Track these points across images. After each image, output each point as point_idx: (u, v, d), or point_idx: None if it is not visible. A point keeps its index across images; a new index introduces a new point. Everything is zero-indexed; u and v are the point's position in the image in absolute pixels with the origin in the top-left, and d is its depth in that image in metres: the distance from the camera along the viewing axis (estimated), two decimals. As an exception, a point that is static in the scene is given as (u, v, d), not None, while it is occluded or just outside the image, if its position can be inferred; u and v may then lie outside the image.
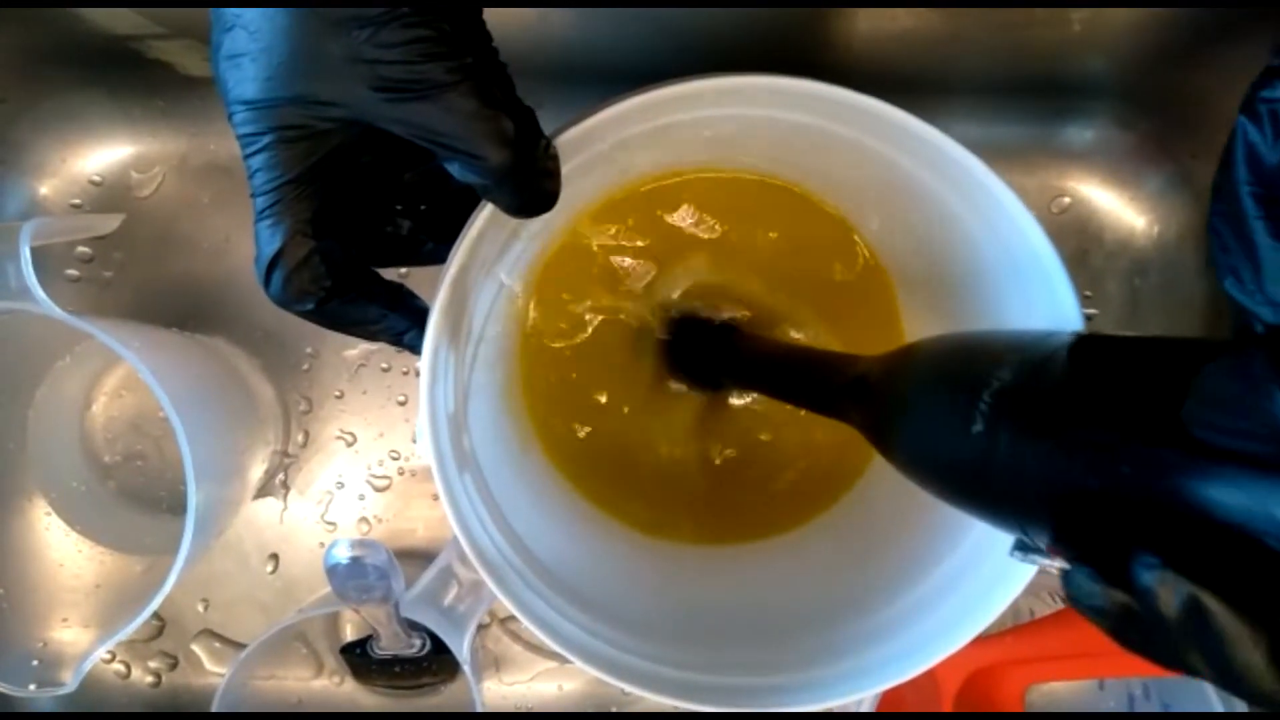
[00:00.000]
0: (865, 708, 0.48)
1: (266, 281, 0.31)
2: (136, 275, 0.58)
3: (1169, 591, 0.18)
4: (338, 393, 0.59)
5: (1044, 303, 0.37)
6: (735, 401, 0.50)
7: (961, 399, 0.25)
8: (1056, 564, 0.23)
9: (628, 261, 0.47)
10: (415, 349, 0.35)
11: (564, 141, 0.33)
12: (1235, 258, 0.43)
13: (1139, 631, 0.19)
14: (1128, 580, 0.19)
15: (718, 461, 0.49)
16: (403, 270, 0.50)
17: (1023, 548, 0.24)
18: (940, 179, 0.38)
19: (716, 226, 0.47)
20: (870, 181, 0.41)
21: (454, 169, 0.29)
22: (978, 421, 0.24)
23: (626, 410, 0.48)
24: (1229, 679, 0.17)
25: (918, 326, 0.47)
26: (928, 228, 0.41)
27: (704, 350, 0.47)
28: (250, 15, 0.27)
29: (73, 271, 0.58)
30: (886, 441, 0.30)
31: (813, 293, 0.47)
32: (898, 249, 0.46)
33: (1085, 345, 0.23)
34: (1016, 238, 0.37)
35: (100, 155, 0.58)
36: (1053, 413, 0.22)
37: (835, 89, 0.35)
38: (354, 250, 0.32)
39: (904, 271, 0.46)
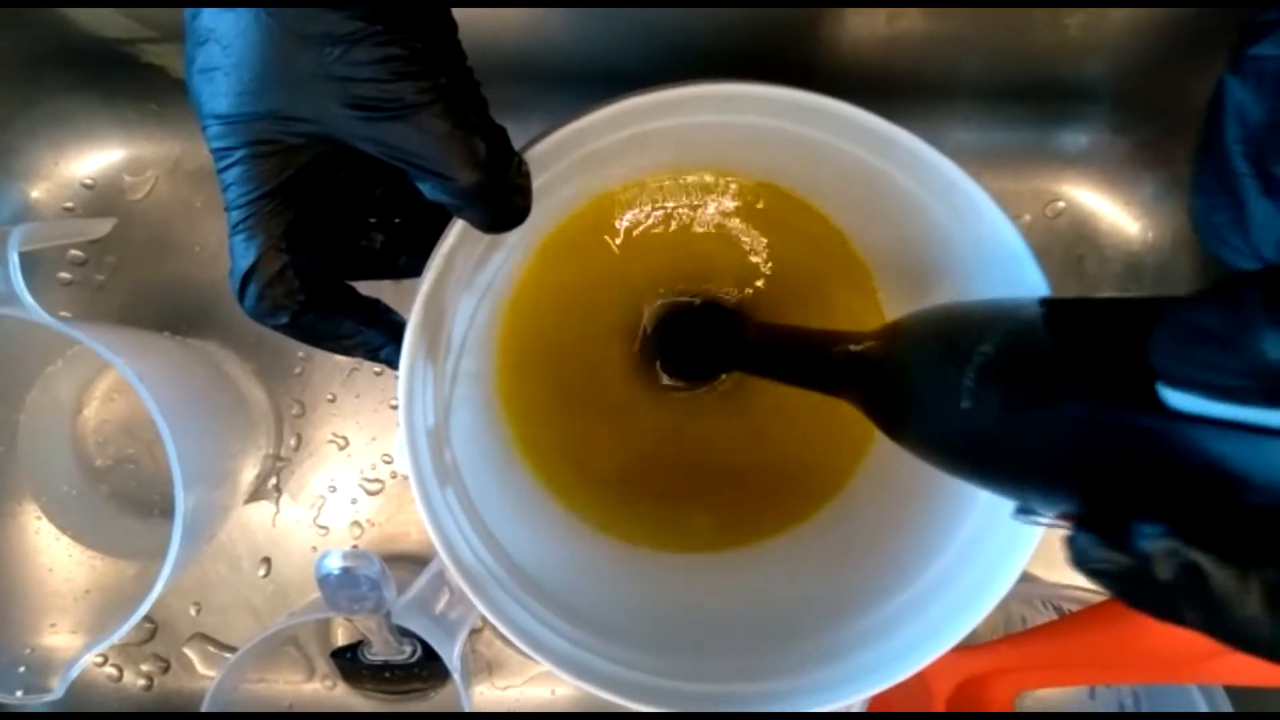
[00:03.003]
0: (856, 707, 0.48)
1: (241, 295, 0.31)
2: (129, 279, 0.58)
3: (1165, 556, 0.18)
4: (330, 396, 0.59)
5: (1020, 290, 0.37)
6: (721, 407, 0.49)
7: (949, 375, 0.25)
8: (1057, 525, 0.23)
9: (609, 268, 0.46)
10: (393, 364, 0.34)
11: (537, 154, 0.33)
12: (1223, 217, 0.43)
13: (1142, 592, 0.19)
14: (1128, 544, 0.19)
15: (703, 468, 0.49)
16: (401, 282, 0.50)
17: (1024, 511, 0.25)
18: (912, 177, 0.38)
19: (696, 229, 0.47)
20: (846, 181, 0.41)
21: (425, 188, 0.29)
22: (965, 397, 0.24)
23: (611, 418, 0.48)
24: (1230, 634, 0.18)
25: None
26: (904, 224, 0.41)
27: (701, 338, 0.47)
28: (224, 29, 0.27)
29: (65, 275, 0.58)
30: (885, 417, 0.30)
31: (793, 291, 0.47)
32: (876, 245, 0.46)
33: (1061, 310, 0.23)
34: (987, 231, 0.36)
35: (93, 159, 0.58)
36: (1033, 381, 0.23)
37: (803, 93, 0.35)
38: (328, 264, 0.32)
39: (883, 266, 0.46)
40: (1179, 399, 0.18)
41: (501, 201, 0.30)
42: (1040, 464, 0.22)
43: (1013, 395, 0.23)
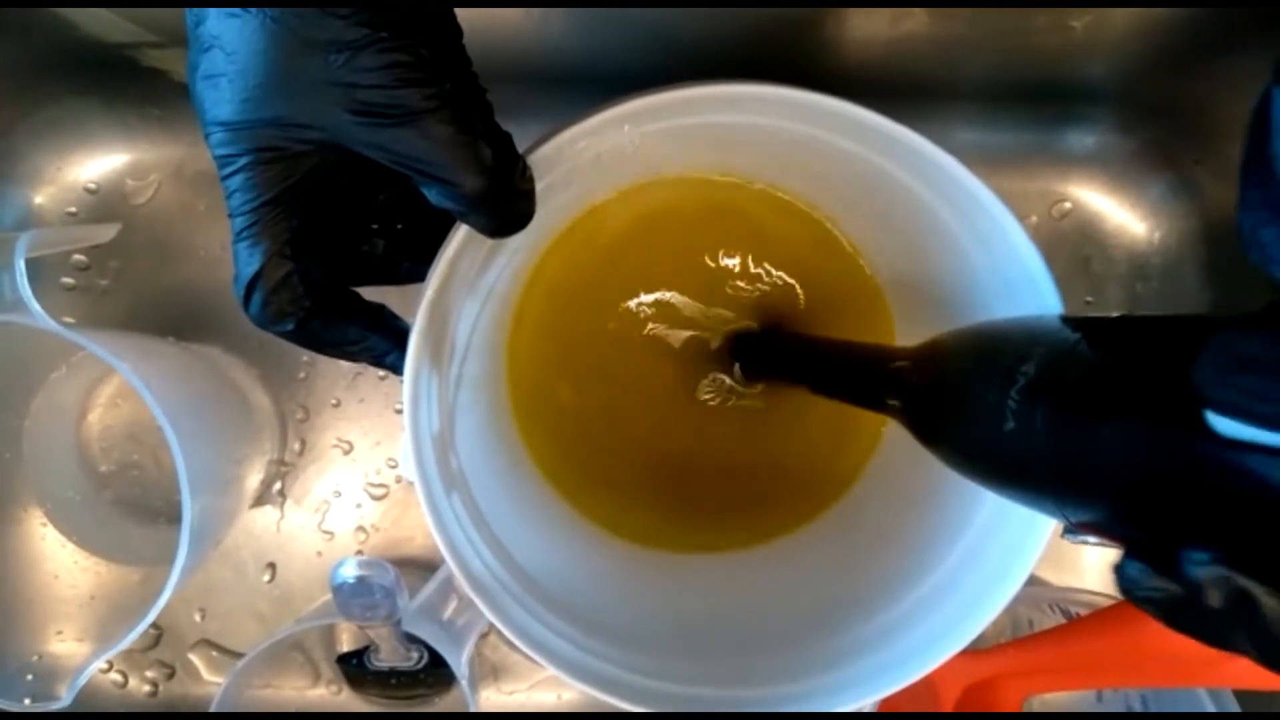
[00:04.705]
0: (866, 709, 0.48)
1: (246, 302, 0.30)
2: (132, 283, 0.58)
3: (1214, 584, 0.18)
4: (335, 401, 0.58)
5: (1029, 302, 0.36)
6: (728, 409, 0.49)
7: (991, 394, 0.25)
8: (1104, 544, 0.23)
9: (613, 270, 0.46)
10: (397, 370, 0.34)
11: (540, 157, 0.33)
12: (1271, 234, 0.41)
13: (1193, 620, 0.19)
14: (1178, 572, 0.19)
15: (711, 468, 0.49)
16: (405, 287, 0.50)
17: (1071, 531, 0.25)
18: (919, 179, 0.37)
19: (700, 230, 0.46)
20: (852, 184, 0.41)
21: (430, 194, 0.29)
22: (1009, 419, 0.24)
23: (618, 419, 0.48)
24: None
25: (907, 327, 0.47)
26: (911, 229, 0.41)
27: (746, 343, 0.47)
28: (228, 36, 0.27)
29: (69, 280, 0.58)
30: (927, 435, 0.30)
31: (797, 294, 0.47)
32: (884, 250, 0.46)
33: (1104, 329, 0.23)
34: (998, 235, 0.36)
35: (96, 163, 0.58)
36: (1077, 402, 0.22)
37: (807, 93, 0.34)
38: (331, 270, 0.32)
39: (891, 273, 0.46)
40: (1225, 425, 0.18)
41: (506, 206, 0.30)
42: (1084, 485, 0.22)
43: (1056, 415, 0.23)
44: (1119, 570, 0.20)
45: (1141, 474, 0.20)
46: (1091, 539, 0.24)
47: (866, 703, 0.39)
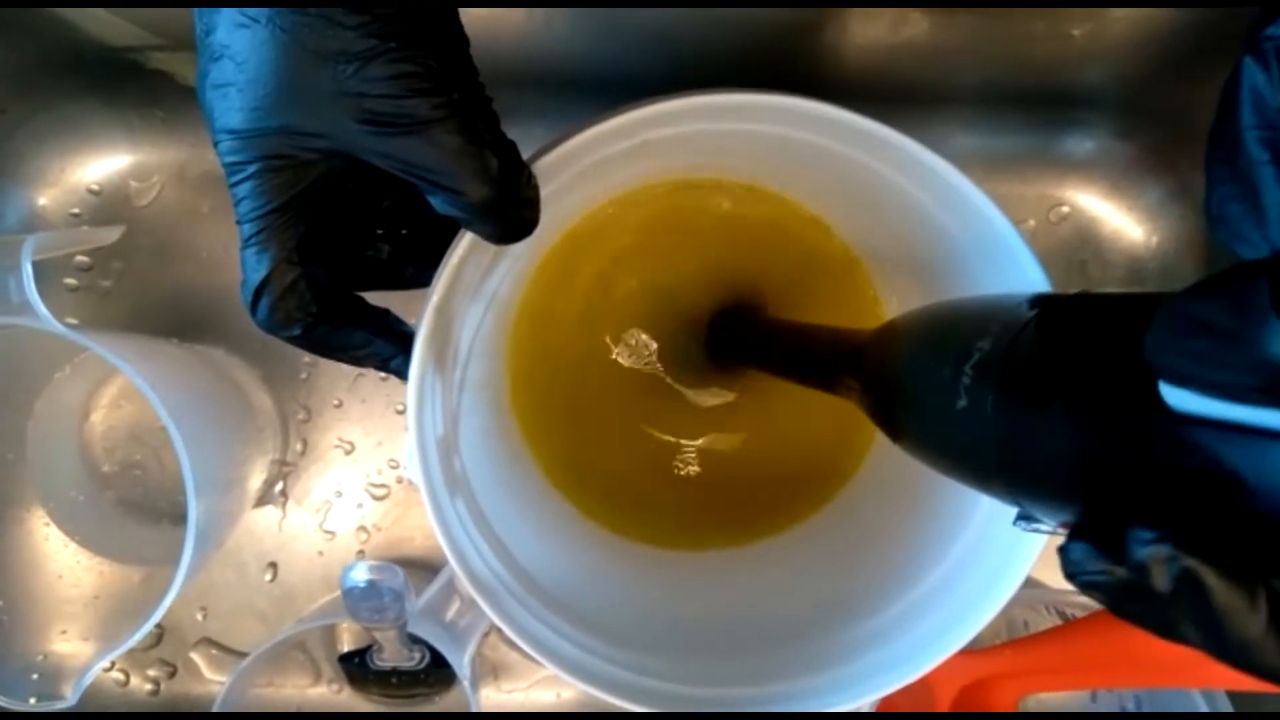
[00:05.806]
0: (865, 709, 0.49)
1: (253, 308, 0.31)
2: (135, 285, 0.58)
3: (1161, 566, 0.17)
4: (336, 401, 0.59)
5: (1017, 284, 0.37)
6: (727, 407, 0.50)
7: (945, 373, 0.24)
8: (1058, 533, 0.21)
9: (613, 272, 0.47)
10: (402, 374, 0.35)
11: (544, 165, 0.34)
12: (1238, 209, 0.41)
13: (1140, 606, 0.18)
14: (1124, 554, 0.18)
15: (710, 465, 0.50)
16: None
17: (1024, 518, 0.23)
18: (910, 180, 0.38)
19: (699, 234, 0.47)
20: (844, 184, 0.41)
21: (436, 202, 0.29)
22: (962, 396, 0.23)
23: (619, 420, 0.48)
24: (1228, 653, 0.16)
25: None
26: (901, 224, 0.41)
27: (718, 329, 0.47)
28: (239, 45, 0.27)
29: (71, 281, 0.58)
30: (881, 415, 0.30)
31: (795, 292, 0.48)
32: (875, 246, 0.46)
33: (1059, 306, 0.22)
34: (985, 228, 0.37)
35: (99, 165, 0.58)
36: (1030, 380, 0.21)
37: (801, 100, 0.35)
38: (337, 276, 0.33)
39: (882, 265, 0.47)
40: (1177, 397, 0.17)
41: (511, 214, 0.30)
42: (1036, 467, 0.21)
43: (1009, 394, 0.22)
44: (1063, 553, 0.19)
45: (1091, 454, 0.19)
46: (1044, 527, 0.23)
47: (865, 702, 0.40)
